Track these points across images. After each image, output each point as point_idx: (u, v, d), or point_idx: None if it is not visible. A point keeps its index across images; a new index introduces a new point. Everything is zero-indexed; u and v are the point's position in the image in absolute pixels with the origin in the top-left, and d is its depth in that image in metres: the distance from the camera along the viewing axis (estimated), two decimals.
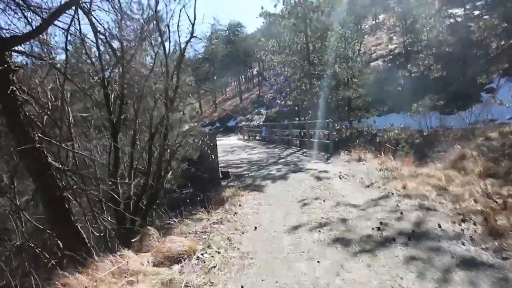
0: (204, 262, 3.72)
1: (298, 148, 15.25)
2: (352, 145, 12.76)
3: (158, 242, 4.33)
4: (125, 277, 3.22)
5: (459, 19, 26.13)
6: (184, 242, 4.07)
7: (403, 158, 9.44)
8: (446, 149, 11.48)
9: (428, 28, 16.70)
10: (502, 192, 5.62)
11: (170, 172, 10.44)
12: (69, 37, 5.86)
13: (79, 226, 5.88)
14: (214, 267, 3.61)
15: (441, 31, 18.47)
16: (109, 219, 7.81)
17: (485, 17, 18.82)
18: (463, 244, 3.72)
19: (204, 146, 12.19)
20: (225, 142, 23.66)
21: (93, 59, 7.82)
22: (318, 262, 3.59)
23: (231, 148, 18.01)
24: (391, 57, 29.56)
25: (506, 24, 14.29)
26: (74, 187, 5.81)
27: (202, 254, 3.90)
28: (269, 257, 3.81)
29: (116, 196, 7.03)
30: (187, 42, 8.92)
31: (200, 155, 11.45)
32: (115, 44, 8.09)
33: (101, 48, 7.63)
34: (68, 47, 5.78)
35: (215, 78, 52.43)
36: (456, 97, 19.14)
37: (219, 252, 3.98)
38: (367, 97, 19.75)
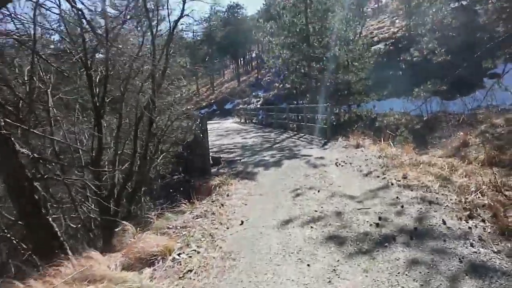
0: (180, 264, 3.30)
1: (295, 133, 14.81)
2: (351, 130, 12.37)
3: (134, 238, 3.92)
4: (87, 285, 2.80)
5: (464, 3, 25.35)
6: (160, 240, 3.64)
7: (403, 145, 9.03)
8: (447, 136, 11.09)
9: (433, 11, 16.01)
10: (510, 184, 5.23)
11: (161, 157, 10.03)
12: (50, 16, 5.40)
13: (59, 217, 5.52)
14: (191, 270, 3.18)
15: (446, 15, 17.79)
16: (93, 207, 7.43)
17: (489, 2, 18.10)
18: (471, 245, 3.29)
19: (198, 130, 11.76)
20: (220, 125, 23.19)
21: (74, 38, 7.30)
22: (308, 265, 3.17)
23: (225, 132, 17.53)
24: (393, 40, 28.82)
25: None
26: (46, 176, 5.35)
27: (179, 254, 3.47)
28: (254, 259, 3.38)
29: (98, 184, 6.60)
30: (176, 21, 8.40)
31: (194, 139, 11.01)
32: (101, 22, 7.59)
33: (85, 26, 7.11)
34: (41, 24, 5.29)
35: (212, 60, 51.38)
36: (459, 83, 18.61)
37: (198, 252, 3.56)
38: (367, 81, 19.16)
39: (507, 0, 14.01)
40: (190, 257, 3.45)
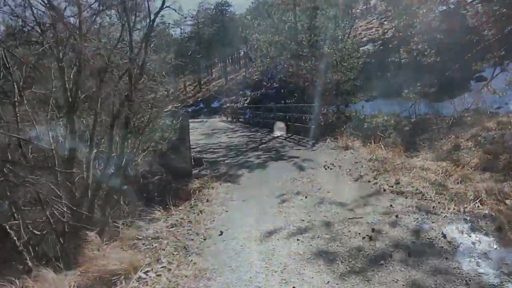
0: (147, 285, 2.85)
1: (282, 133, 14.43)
2: (339, 131, 12.03)
3: (98, 251, 3.45)
4: None
5: (451, 6, 25.37)
6: (126, 254, 3.19)
7: (393, 147, 8.71)
8: (437, 138, 10.84)
9: (424, 11, 15.84)
10: (506, 191, 4.92)
11: (141, 157, 9.54)
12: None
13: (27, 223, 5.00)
14: None
15: (434, 17, 17.69)
16: (65, 209, 6.89)
17: (478, 5, 18.07)
18: (477, 264, 2.92)
19: (180, 128, 11.32)
20: (206, 124, 22.68)
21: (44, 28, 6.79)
22: None
23: (211, 131, 17.08)
24: (381, 41, 28.70)
25: (505, 10, 13.47)
26: (2, 179, 4.82)
27: (146, 272, 3.02)
28: (232, 278, 2.95)
29: (69, 186, 6.10)
30: (156, 13, 7.89)
31: (178, 138, 10.56)
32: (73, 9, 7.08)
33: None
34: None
35: (195, 54, 50.70)
36: (447, 85, 18.53)
37: (169, 269, 3.11)
38: (355, 81, 18.91)
39: (496, 3, 13.87)
40: (159, 275, 3.00)
